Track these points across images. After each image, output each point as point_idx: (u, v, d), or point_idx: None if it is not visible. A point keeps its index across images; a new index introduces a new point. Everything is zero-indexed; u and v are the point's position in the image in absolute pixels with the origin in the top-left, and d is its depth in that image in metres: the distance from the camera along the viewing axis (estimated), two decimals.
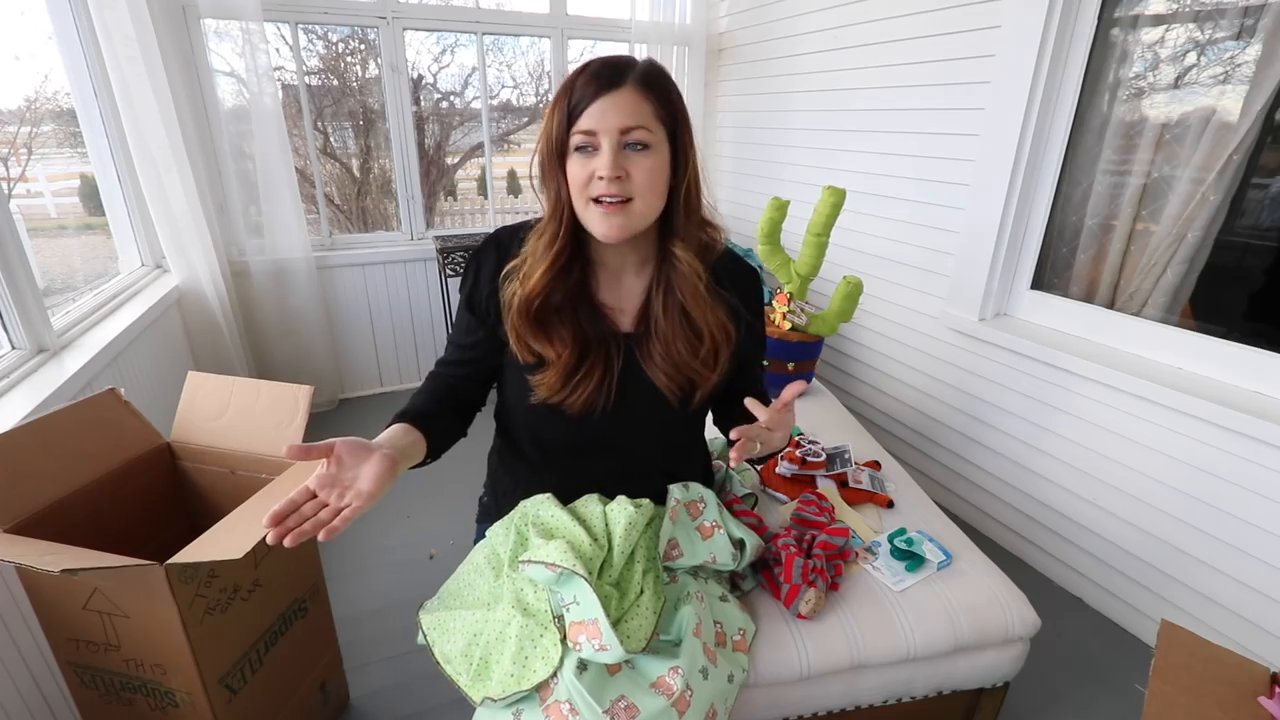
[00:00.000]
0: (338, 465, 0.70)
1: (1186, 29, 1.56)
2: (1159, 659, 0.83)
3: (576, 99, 0.79)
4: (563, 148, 0.82)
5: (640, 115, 0.79)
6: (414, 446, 0.83)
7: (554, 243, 0.85)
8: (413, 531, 1.98)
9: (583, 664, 0.81)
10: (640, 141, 0.80)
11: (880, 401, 2.43)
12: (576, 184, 0.82)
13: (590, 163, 0.80)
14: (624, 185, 0.80)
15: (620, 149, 0.79)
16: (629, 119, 0.79)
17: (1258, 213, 1.54)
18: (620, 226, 0.82)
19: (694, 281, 0.88)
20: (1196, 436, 1.45)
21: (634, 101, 0.79)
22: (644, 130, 0.79)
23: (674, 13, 2.92)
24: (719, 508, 1.05)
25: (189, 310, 2.26)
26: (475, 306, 0.94)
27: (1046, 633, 1.20)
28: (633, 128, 0.79)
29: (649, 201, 0.83)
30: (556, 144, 0.82)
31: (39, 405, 1.20)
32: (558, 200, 0.84)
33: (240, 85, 2.35)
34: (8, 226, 1.30)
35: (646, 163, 0.80)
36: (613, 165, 0.78)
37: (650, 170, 0.81)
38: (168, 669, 0.97)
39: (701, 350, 0.91)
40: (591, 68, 0.80)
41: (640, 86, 0.80)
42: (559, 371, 0.88)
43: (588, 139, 0.80)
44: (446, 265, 2.67)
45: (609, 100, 0.78)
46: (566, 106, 0.80)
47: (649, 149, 0.80)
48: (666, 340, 0.90)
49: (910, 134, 2.09)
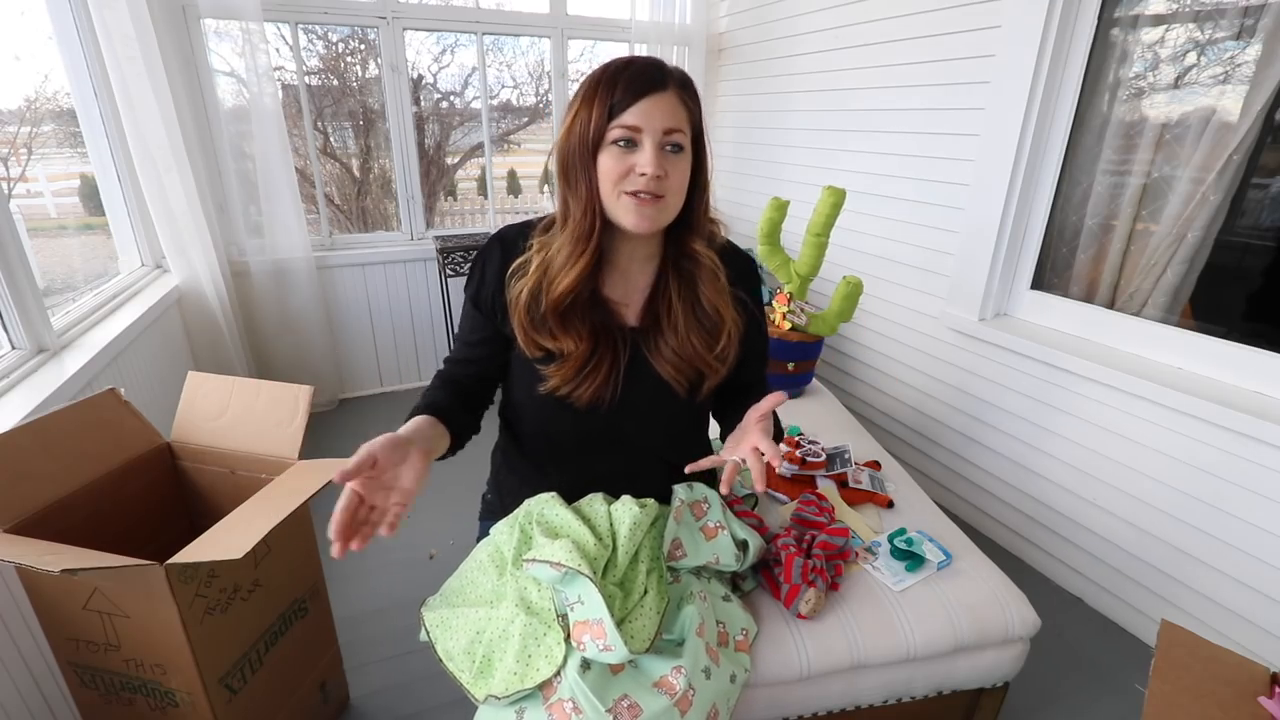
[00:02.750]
0: (379, 470, 0.72)
1: (1186, 29, 1.56)
2: (1159, 659, 0.83)
3: (620, 95, 0.81)
4: (599, 140, 0.83)
5: (679, 118, 0.83)
6: (440, 439, 0.87)
7: (589, 237, 0.87)
8: (413, 531, 1.98)
9: (586, 663, 0.81)
10: (678, 144, 0.83)
11: (880, 401, 2.43)
12: (611, 177, 0.83)
13: (629, 158, 0.82)
14: (661, 184, 0.83)
15: (661, 149, 0.82)
16: (671, 121, 0.82)
17: (1258, 213, 1.55)
18: (652, 219, 0.85)
19: (715, 275, 0.93)
20: (1197, 436, 1.45)
21: (675, 105, 0.83)
22: (681, 134, 0.83)
23: (674, 13, 2.92)
24: (723, 508, 1.05)
25: (189, 310, 2.25)
26: (482, 304, 0.96)
27: (1046, 633, 1.20)
28: (674, 130, 0.82)
29: (677, 200, 0.87)
30: (594, 136, 0.82)
31: (39, 405, 1.20)
32: (590, 193, 0.85)
33: (240, 85, 2.35)
34: (8, 226, 1.30)
35: (681, 164, 0.85)
36: (657, 163, 0.81)
37: (684, 172, 0.86)
38: (168, 669, 0.97)
39: (718, 346, 0.94)
40: (636, 66, 0.83)
41: (680, 91, 0.84)
42: (574, 365, 0.90)
43: (630, 133, 0.81)
44: (446, 265, 2.67)
45: (654, 101, 0.81)
46: (609, 101, 0.81)
47: (683, 151, 0.85)
48: (680, 334, 0.93)
49: (910, 134, 2.09)
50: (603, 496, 0.98)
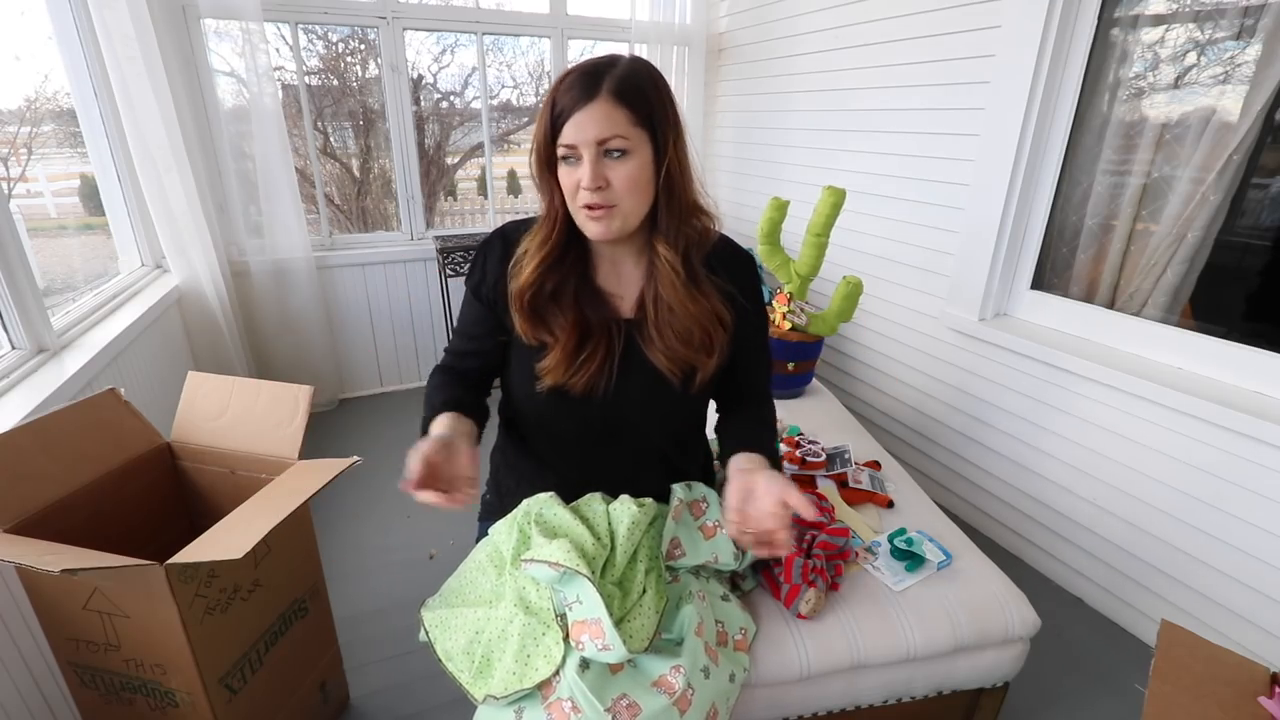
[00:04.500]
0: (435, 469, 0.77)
1: (1186, 29, 1.56)
2: (1159, 659, 0.83)
3: (558, 111, 0.82)
4: (551, 157, 0.86)
5: (614, 125, 0.82)
6: (469, 429, 0.92)
7: (545, 243, 0.91)
8: (413, 531, 1.98)
9: (585, 662, 0.81)
10: (617, 149, 0.82)
11: (880, 401, 2.43)
12: (568, 191, 0.87)
13: (575, 172, 0.84)
14: (606, 193, 0.84)
15: (599, 158, 0.83)
16: (604, 130, 0.81)
17: (1258, 213, 1.54)
18: (608, 229, 0.87)
19: (670, 277, 0.92)
20: (1196, 436, 1.45)
21: (607, 112, 0.81)
22: (620, 139, 0.82)
23: (674, 13, 2.92)
24: (721, 507, 1.05)
25: (189, 310, 2.26)
26: (482, 295, 0.97)
27: (1046, 633, 1.20)
28: (608, 138, 0.82)
29: (632, 203, 0.86)
30: (544, 154, 0.86)
31: (39, 405, 1.20)
32: (551, 204, 0.90)
33: (240, 85, 2.35)
34: (8, 226, 1.30)
35: (624, 169, 0.84)
36: (593, 177, 0.82)
37: (629, 175, 0.84)
38: (168, 669, 0.97)
39: (695, 340, 0.94)
40: (568, 79, 0.83)
41: (613, 97, 0.81)
42: (562, 353, 0.91)
43: (569, 150, 0.83)
44: (446, 265, 2.67)
45: (585, 114, 0.81)
46: (550, 118, 0.83)
47: (627, 154, 0.83)
48: (660, 329, 0.94)
49: (910, 134, 2.09)
50: (601, 496, 0.98)
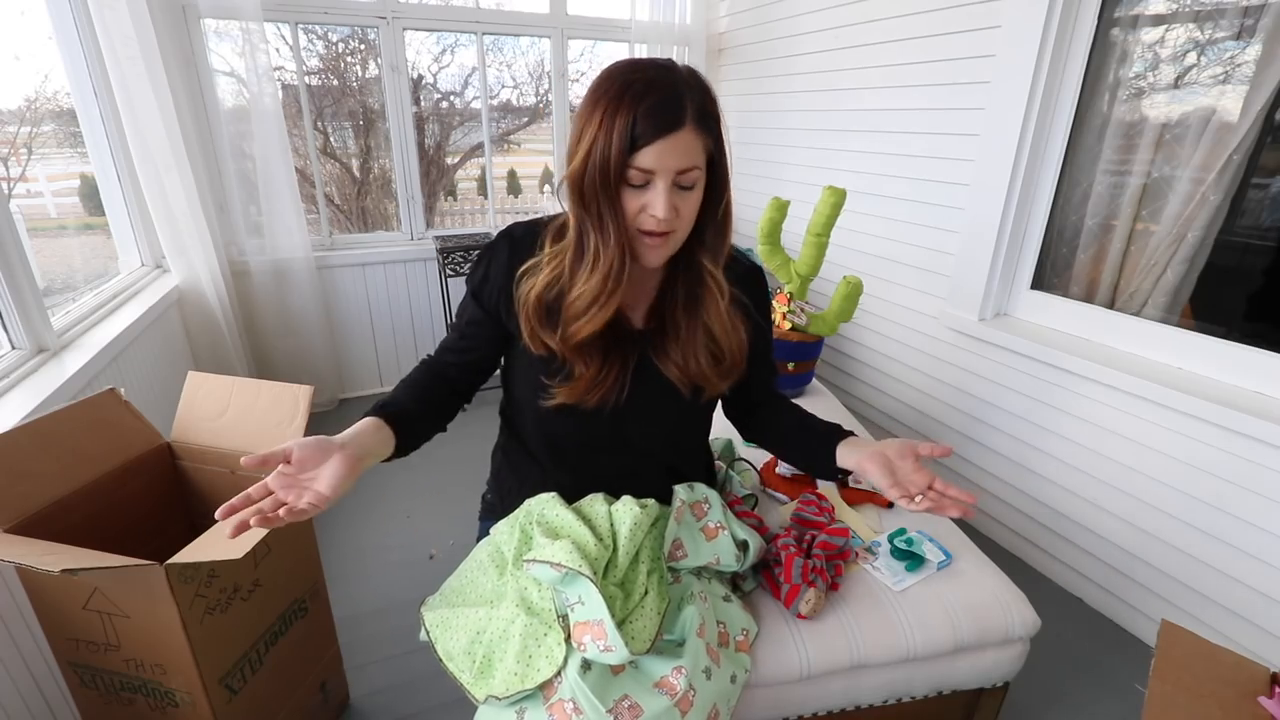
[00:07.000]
0: (297, 467, 0.71)
1: (1186, 29, 1.56)
2: (1159, 659, 0.83)
3: (638, 133, 0.75)
4: (620, 176, 0.78)
5: (694, 155, 0.78)
6: (382, 445, 0.82)
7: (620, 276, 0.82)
8: (413, 531, 1.98)
9: (587, 663, 0.81)
10: (691, 183, 0.80)
11: (880, 401, 2.43)
12: (628, 214, 0.81)
13: (643, 197, 0.79)
14: (671, 222, 0.80)
15: (672, 187, 0.79)
16: (684, 161, 0.78)
17: (1258, 213, 1.55)
18: (663, 255, 0.85)
19: (717, 300, 0.90)
20: (1197, 436, 1.45)
21: (691, 143, 0.78)
22: (696, 170, 0.79)
23: (674, 13, 2.92)
24: (723, 509, 1.05)
25: (189, 310, 2.25)
26: (484, 298, 0.94)
27: (1046, 633, 1.20)
28: (687, 169, 0.78)
29: (687, 227, 0.84)
30: (615, 171, 0.77)
31: (39, 405, 1.20)
32: (618, 229, 0.80)
33: (240, 85, 2.34)
34: (8, 226, 1.30)
35: (692, 199, 0.82)
36: (667, 206, 0.78)
37: (694, 206, 0.82)
38: (168, 669, 0.97)
39: (722, 365, 0.93)
40: (654, 98, 0.75)
41: (697, 125, 0.78)
42: (584, 383, 0.89)
43: (644, 176, 0.78)
44: (446, 265, 2.67)
45: (669, 142, 0.76)
46: (627, 137, 0.75)
47: (695, 186, 0.81)
48: (685, 349, 0.92)
49: (910, 134, 2.09)
50: (603, 497, 0.98)
